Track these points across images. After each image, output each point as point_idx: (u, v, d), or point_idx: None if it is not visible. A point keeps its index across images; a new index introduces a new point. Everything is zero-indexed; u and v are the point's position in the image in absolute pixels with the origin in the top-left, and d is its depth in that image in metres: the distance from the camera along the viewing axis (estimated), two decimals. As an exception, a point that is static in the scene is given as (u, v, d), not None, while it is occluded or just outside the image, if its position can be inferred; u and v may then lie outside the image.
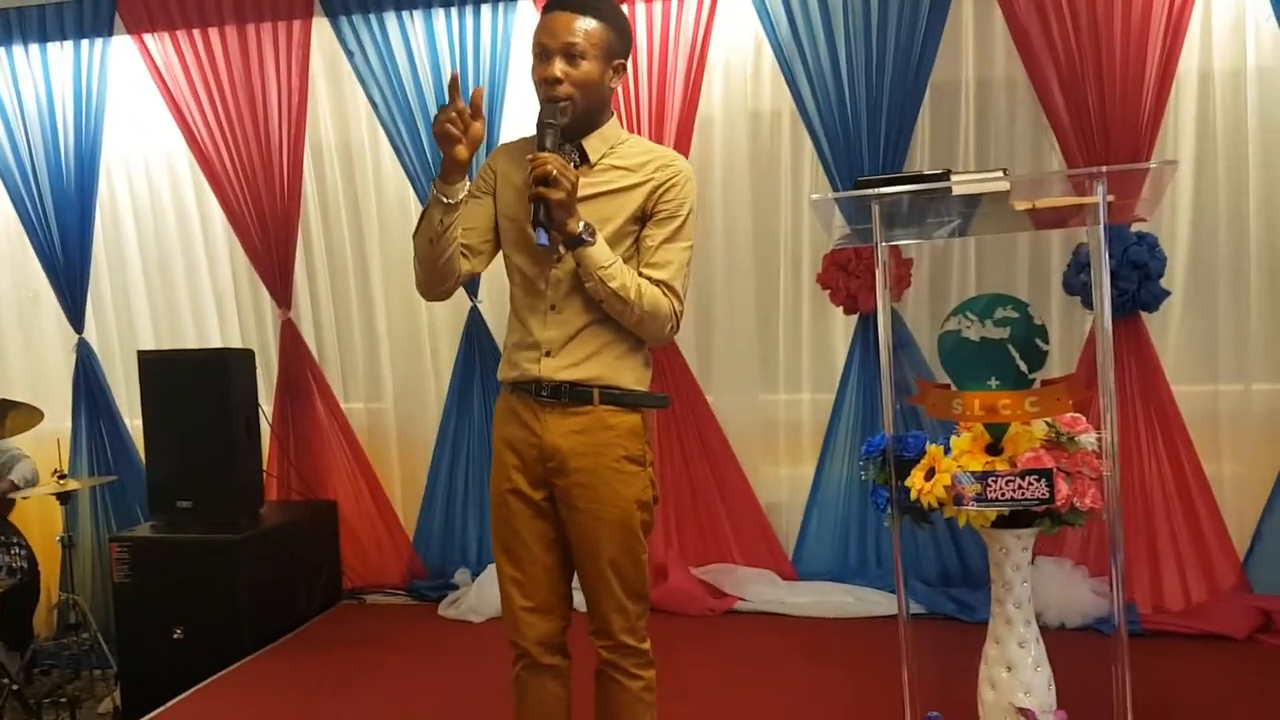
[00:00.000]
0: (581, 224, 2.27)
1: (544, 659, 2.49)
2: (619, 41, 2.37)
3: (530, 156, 2.27)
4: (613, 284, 2.29)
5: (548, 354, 2.39)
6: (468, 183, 2.35)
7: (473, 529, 4.81)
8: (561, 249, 2.32)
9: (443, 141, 2.24)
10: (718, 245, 4.58)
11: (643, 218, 2.39)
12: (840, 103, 4.30)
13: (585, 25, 2.31)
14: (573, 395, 2.37)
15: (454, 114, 2.22)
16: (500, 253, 2.53)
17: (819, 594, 4.37)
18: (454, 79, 2.28)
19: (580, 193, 2.29)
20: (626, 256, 2.38)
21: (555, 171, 2.21)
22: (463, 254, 2.43)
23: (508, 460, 2.45)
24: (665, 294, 2.36)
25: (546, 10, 2.36)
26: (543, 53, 2.33)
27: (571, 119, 2.33)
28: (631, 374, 2.42)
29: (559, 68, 2.30)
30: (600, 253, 2.29)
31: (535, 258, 2.40)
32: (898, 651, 2.64)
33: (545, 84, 2.32)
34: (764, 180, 4.54)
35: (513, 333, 2.49)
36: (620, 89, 4.29)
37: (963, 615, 4.10)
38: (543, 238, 2.26)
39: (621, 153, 2.42)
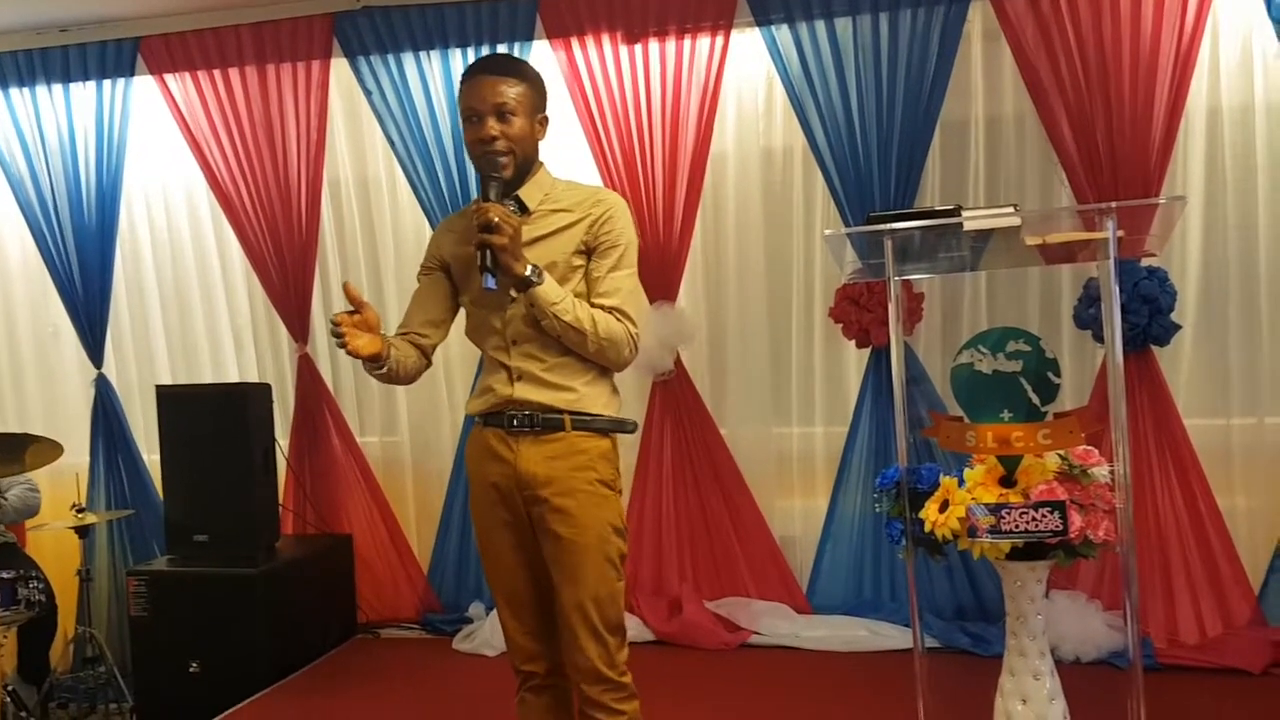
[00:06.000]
0: (529, 267, 2.39)
1: (546, 680, 2.59)
2: (539, 98, 2.57)
3: (475, 207, 2.42)
4: (566, 317, 2.42)
5: (519, 378, 2.49)
6: (392, 352, 2.50)
7: (487, 562, 4.80)
8: (513, 292, 2.45)
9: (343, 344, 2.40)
10: (730, 280, 4.62)
11: (585, 252, 2.52)
12: (851, 139, 4.34)
13: (510, 86, 2.47)
14: (545, 424, 2.47)
15: (339, 329, 2.38)
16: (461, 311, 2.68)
17: (833, 628, 4.36)
18: (345, 288, 2.44)
19: (525, 238, 2.45)
20: (578, 292, 2.50)
21: (497, 219, 2.35)
22: (421, 335, 2.62)
23: (486, 495, 2.56)
24: (619, 319, 2.49)
25: (468, 76, 2.52)
26: (474, 116, 2.48)
27: (510, 171, 2.47)
28: (600, 400, 2.52)
29: (494, 127, 2.45)
30: (550, 291, 2.42)
31: (491, 303, 2.52)
32: (913, 685, 2.64)
33: (483, 143, 2.46)
34: (776, 215, 4.58)
35: (484, 372, 2.62)
36: (634, 127, 4.45)
37: (977, 649, 4.09)
38: (490, 282, 2.40)
39: (556, 196, 2.56)
